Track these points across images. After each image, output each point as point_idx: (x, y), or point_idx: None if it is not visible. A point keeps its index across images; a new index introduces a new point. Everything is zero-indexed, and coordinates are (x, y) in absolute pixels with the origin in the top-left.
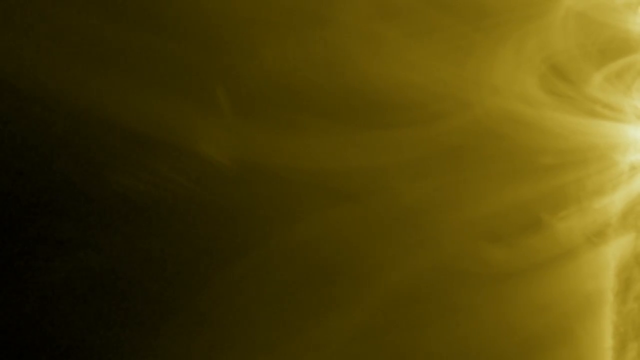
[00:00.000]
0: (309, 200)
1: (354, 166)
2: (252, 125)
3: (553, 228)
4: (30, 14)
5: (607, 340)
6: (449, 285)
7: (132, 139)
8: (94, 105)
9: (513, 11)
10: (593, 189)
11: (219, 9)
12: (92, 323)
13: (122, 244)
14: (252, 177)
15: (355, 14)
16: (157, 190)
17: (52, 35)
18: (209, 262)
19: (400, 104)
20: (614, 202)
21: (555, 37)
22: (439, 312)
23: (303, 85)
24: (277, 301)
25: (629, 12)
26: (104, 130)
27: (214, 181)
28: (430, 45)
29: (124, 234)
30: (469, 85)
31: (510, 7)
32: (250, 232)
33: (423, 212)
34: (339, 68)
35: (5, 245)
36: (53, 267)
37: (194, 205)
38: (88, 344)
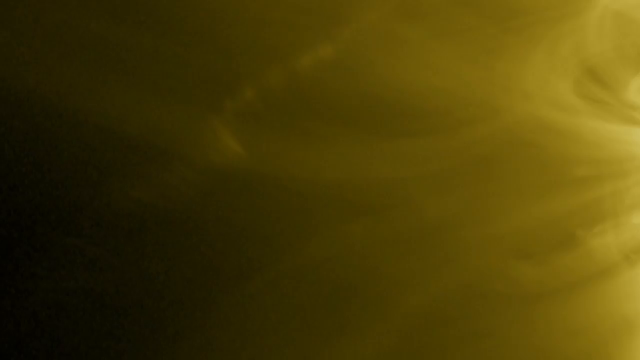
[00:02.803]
0: (323, 214)
1: (372, 178)
2: (262, 134)
3: (588, 245)
4: (23, 13)
5: None
6: (475, 307)
7: (132, 147)
8: (92, 110)
9: (546, 10)
10: (631, 202)
11: (227, 8)
12: (89, 348)
13: (122, 262)
14: (263, 190)
15: (375, 14)
16: (159, 202)
17: (46, 35)
18: (216, 281)
19: (423, 111)
20: None
21: (591, 38)
22: (465, 336)
23: (317, 90)
24: (288, 324)
25: None
26: (101, 137)
27: (221, 194)
28: (456, 47)
29: (124, 251)
30: (498, 90)
31: (543, 7)
32: (259, 249)
33: (448, 228)
34: (356, 71)
35: None
36: (46, 287)
37: (199, 220)
38: None
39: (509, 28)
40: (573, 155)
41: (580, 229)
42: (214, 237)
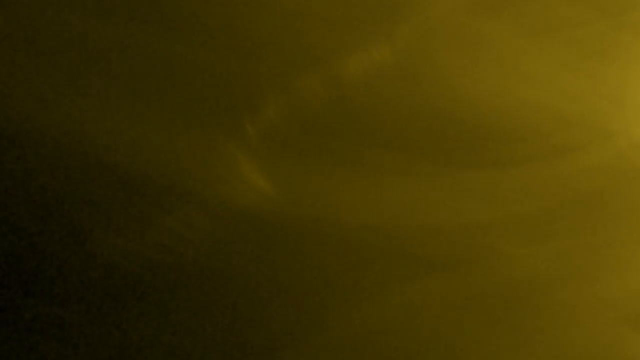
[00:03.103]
0: (378, 271)
1: (443, 222)
2: (296, 164)
3: None
4: None
5: None
6: None
7: (125, 183)
8: (70, 134)
9: None
10: None
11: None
12: None
13: (113, 334)
14: (297, 240)
15: (445, 5)
16: (161, 257)
17: (10, 33)
18: (236, 358)
19: (511, 133)
20: None
21: None
22: None
23: (369, 105)
24: None
25: None
26: (83, 170)
27: (242, 245)
28: (554, 48)
29: (116, 320)
30: (610, 105)
31: None
32: (294, 317)
33: (543, 288)
34: (421, 81)
35: None
36: None
37: (213, 279)
38: None
39: (624, 23)
40: None
41: None
42: (232, 301)
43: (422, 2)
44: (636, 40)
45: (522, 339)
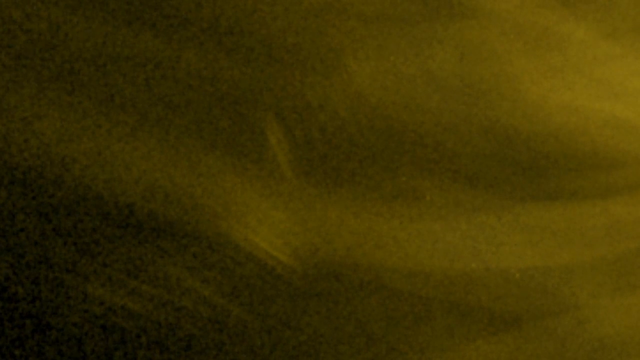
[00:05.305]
0: (435, 327)
1: (513, 268)
2: (332, 199)
3: None
4: None
5: None
6: None
7: (127, 223)
8: (57, 164)
9: None
10: None
11: None
12: None
13: None
14: (337, 292)
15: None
16: (162, 315)
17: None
18: None
19: (596, 158)
20: None
21: None
22: None
23: (422, 124)
24: None
25: None
26: (83, 208)
27: (267, 300)
28: None
29: None
30: None
31: None
32: None
33: (636, 349)
34: (484, 94)
35: None
36: None
37: (228, 345)
38: None
39: None
40: None
41: None
42: None
43: None
44: None
45: None
